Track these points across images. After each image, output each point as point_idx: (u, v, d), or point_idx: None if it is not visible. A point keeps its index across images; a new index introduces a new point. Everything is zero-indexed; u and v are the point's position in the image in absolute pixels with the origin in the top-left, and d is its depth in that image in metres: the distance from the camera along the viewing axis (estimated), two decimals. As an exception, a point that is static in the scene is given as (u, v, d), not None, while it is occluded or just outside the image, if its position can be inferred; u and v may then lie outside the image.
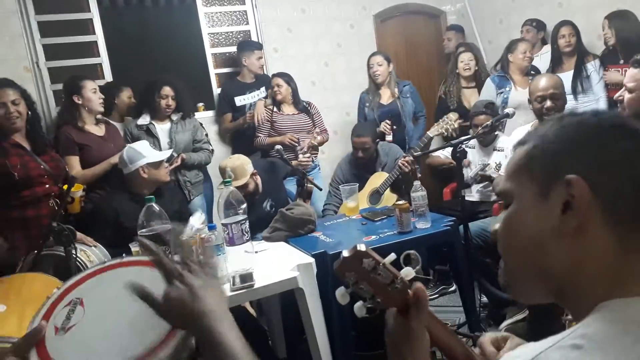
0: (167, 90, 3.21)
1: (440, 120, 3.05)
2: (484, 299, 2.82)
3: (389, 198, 3.08)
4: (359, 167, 3.26)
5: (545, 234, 0.62)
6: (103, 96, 3.02)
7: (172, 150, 3.01)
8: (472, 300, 2.49)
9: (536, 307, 2.46)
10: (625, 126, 0.62)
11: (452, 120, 2.98)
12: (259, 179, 2.81)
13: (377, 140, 3.30)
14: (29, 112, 2.53)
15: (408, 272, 0.81)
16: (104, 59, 3.84)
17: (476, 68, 3.86)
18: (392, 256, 0.82)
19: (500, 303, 2.73)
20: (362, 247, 0.79)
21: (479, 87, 3.84)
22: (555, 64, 3.59)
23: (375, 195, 3.15)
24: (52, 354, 0.83)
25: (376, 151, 3.26)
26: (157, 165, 2.57)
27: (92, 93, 2.92)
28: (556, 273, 0.63)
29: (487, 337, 0.88)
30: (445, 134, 3.09)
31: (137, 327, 0.83)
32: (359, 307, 0.81)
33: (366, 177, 3.21)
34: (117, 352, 0.83)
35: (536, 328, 2.33)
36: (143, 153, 2.56)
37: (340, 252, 0.81)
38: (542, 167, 0.64)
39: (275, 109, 3.68)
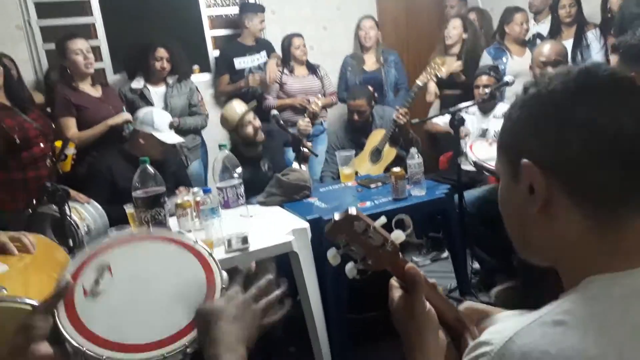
0: (161, 52, 3.14)
1: (427, 66, 3.02)
2: (476, 265, 2.87)
3: (389, 153, 3.11)
4: (355, 131, 3.25)
5: (523, 213, 0.63)
6: (92, 57, 2.91)
7: (182, 140, 2.80)
8: (464, 267, 2.53)
9: (527, 274, 2.51)
10: (584, 89, 0.59)
11: (438, 64, 2.96)
12: (257, 122, 2.80)
13: (373, 103, 3.28)
14: (1, 68, 2.42)
15: (398, 235, 0.82)
16: (97, 18, 3.75)
17: (464, 37, 3.70)
18: (383, 219, 0.82)
19: (491, 270, 2.78)
20: (353, 211, 0.79)
21: (464, 57, 3.68)
22: (555, 33, 3.53)
23: (376, 153, 3.15)
24: (81, 315, 0.84)
25: (371, 115, 3.25)
26: (160, 143, 2.50)
27: (75, 55, 2.82)
28: (540, 247, 0.64)
29: (465, 305, 0.87)
30: (435, 80, 3.07)
31: (164, 309, 0.84)
32: (350, 269, 0.82)
33: (362, 142, 3.21)
34: (144, 329, 0.84)
35: (526, 295, 2.37)
36: (156, 125, 2.49)
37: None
38: (509, 148, 0.65)
39: (285, 71, 3.64)
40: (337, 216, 0.80)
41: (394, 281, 0.83)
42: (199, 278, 0.92)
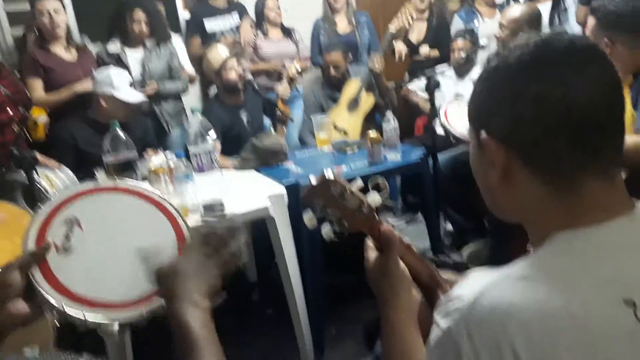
0: (139, 14, 2.97)
1: (398, 12, 3.01)
2: (449, 227, 2.94)
3: (366, 100, 3.12)
4: (332, 87, 3.23)
5: (489, 180, 0.65)
6: (62, 19, 2.75)
7: (145, 100, 2.64)
8: (437, 228, 2.59)
9: (497, 234, 2.58)
10: (539, 63, 0.60)
11: (409, 9, 2.97)
12: (240, 69, 2.78)
13: (349, 58, 3.25)
14: None
15: (374, 198, 0.83)
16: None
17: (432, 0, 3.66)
18: (359, 182, 0.83)
19: (464, 230, 2.85)
20: (329, 174, 0.80)
21: (431, 21, 3.67)
22: (532, -6, 3.51)
23: (353, 103, 3.14)
24: (55, 272, 0.82)
25: (347, 71, 3.23)
26: (123, 103, 2.41)
27: (41, 16, 2.67)
28: (508, 209, 0.67)
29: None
30: (407, 27, 3.07)
31: (138, 266, 0.82)
32: (326, 231, 0.83)
33: (339, 98, 3.20)
34: (120, 285, 0.83)
35: (497, 254, 2.45)
36: (114, 84, 2.39)
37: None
38: (473, 120, 0.67)
39: (259, 34, 3.55)
40: (313, 180, 0.80)
41: (369, 242, 0.85)
42: (168, 232, 0.91)
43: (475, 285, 0.58)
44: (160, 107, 3.10)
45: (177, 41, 3.32)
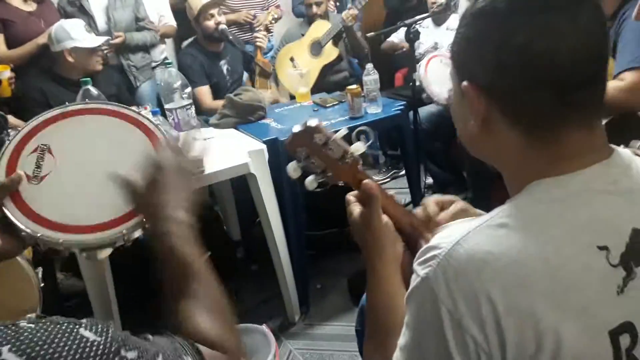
0: None
1: None
2: (429, 180, 2.96)
3: (331, 51, 3.08)
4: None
5: (468, 128, 0.64)
6: None
7: (107, 37, 2.64)
8: (418, 181, 2.60)
9: (477, 186, 2.61)
10: (527, 10, 0.57)
11: None
12: (220, 18, 2.77)
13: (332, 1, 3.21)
14: None
15: (358, 147, 0.82)
16: None
17: None
18: (344, 131, 0.82)
19: (444, 184, 2.88)
20: (313, 123, 0.78)
21: None
22: None
23: (316, 46, 3.09)
24: (28, 202, 0.81)
25: (327, 15, 3.16)
26: (87, 51, 2.35)
27: None
28: (487, 156, 0.67)
29: (432, 198, 0.91)
30: None
31: (110, 188, 0.78)
32: (310, 181, 0.82)
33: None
34: (96, 209, 0.82)
35: (477, 206, 2.49)
36: (72, 35, 2.32)
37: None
38: (455, 65, 0.65)
39: None
40: (296, 128, 0.79)
41: (350, 196, 0.84)
42: (146, 147, 0.88)
43: (453, 234, 0.58)
44: (127, 61, 2.94)
45: None
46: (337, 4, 3.52)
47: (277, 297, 2.13)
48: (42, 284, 1.23)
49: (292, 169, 0.81)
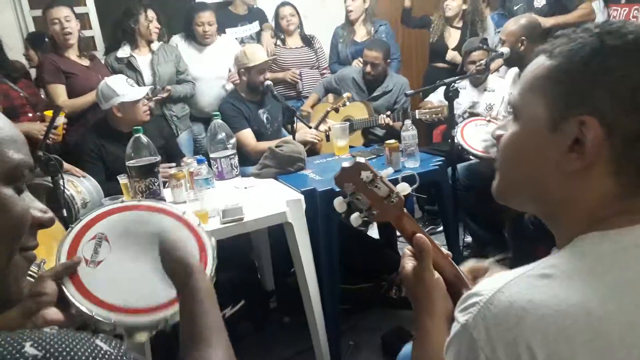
0: (150, 14, 3.06)
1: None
2: (468, 239, 2.90)
3: (355, 139, 3.11)
4: (366, 84, 3.29)
5: (547, 165, 0.60)
6: (73, 26, 2.79)
7: (150, 86, 2.80)
8: (456, 239, 2.55)
9: (518, 246, 2.54)
10: None
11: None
12: (268, 75, 2.90)
13: (388, 60, 3.28)
14: None
15: (404, 187, 0.84)
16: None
17: (464, 7, 3.60)
18: (390, 170, 0.85)
19: (483, 243, 2.81)
20: (361, 160, 0.81)
21: (466, 28, 3.62)
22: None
23: (346, 125, 3.15)
24: (85, 282, 0.90)
25: (385, 72, 3.25)
26: (133, 104, 2.44)
27: (53, 24, 2.73)
28: (549, 201, 0.63)
29: (468, 265, 0.91)
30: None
31: (160, 274, 0.87)
32: (355, 218, 0.84)
33: (365, 94, 3.26)
34: (144, 294, 0.90)
35: (517, 267, 2.40)
36: (117, 91, 2.41)
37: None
38: (559, 94, 0.59)
39: (278, 42, 3.58)
40: (346, 164, 0.81)
41: (407, 250, 0.86)
42: (190, 241, 0.98)
43: (495, 282, 0.58)
44: (169, 111, 3.16)
45: (181, 44, 3.35)
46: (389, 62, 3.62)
47: (309, 351, 2.09)
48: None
49: (339, 203, 0.84)
